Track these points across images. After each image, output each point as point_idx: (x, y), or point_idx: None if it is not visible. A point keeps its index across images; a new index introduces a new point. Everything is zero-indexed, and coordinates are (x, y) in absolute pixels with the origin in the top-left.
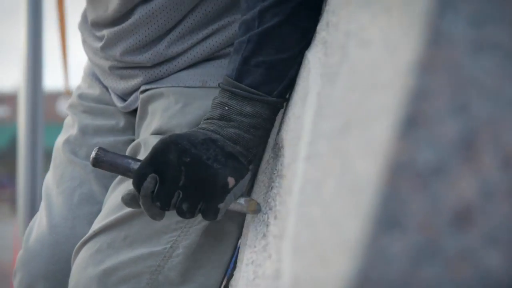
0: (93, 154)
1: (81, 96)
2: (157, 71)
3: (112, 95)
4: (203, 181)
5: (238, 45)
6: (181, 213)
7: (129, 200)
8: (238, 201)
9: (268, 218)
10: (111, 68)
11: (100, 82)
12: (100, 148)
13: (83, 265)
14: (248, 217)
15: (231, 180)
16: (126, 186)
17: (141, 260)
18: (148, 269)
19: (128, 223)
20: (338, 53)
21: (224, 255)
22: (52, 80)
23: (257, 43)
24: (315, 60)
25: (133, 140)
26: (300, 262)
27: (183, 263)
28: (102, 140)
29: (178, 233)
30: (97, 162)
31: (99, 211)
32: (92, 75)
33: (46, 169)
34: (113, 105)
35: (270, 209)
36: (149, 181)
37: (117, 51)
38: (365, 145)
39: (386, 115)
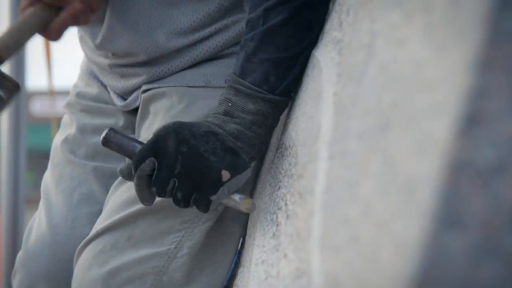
0: (103, 133)
1: (79, 95)
2: (159, 70)
3: (111, 94)
4: (197, 172)
5: (243, 43)
6: (176, 202)
7: (126, 173)
8: (233, 197)
9: (277, 217)
10: (111, 66)
11: (99, 81)
12: (111, 129)
13: (86, 266)
14: (253, 216)
15: (225, 174)
16: (128, 186)
17: (145, 261)
18: (153, 270)
19: (132, 223)
20: (361, 53)
21: (227, 255)
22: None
23: (260, 41)
24: (326, 59)
25: None
26: (336, 261)
27: (188, 263)
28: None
29: (182, 234)
30: (106, 142)
31: (99, 211)
32: (90, 73)
33: (28, 168)
34: (112, 103)
35: (279, 209)
36: (147, 164)
37: (115, 46)
38: (413, 144)
39: (438, 114)
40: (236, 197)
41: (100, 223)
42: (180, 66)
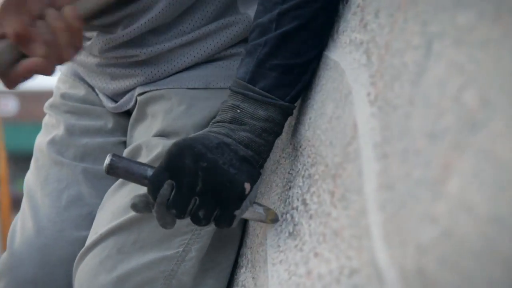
0: (107, 160)
1: (64, 96)
2: (155, 71)
3: (101, 96)
4: (221, 187)
5: (252, 48)
6: (196, 221)
7: (141, 207)
8: (255, 209)
9: (292, 217)
10: (100, 66)
11: (85, 82)
12: (114, 155)
13: (93, 273)
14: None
15: (247, 186)
16: (130, 188)
17: (155, 265)
18: (162, 274)
19: (136, 226)
20: (411, 54)
21: (230, 257)
22: None
23: (274, 46)
24: (348, 61)
25: (123, 141)
26: (423, 257)
27: (196, 266)
28: (90, 141)
29: (189, 236)
30: (111, 169)
31: (88, 213)
32: (74, 75)
33: None
34: (100, 105)
35: (294, 209)
36: (166, 188)
37: (106, 44)
38: None
39: None
40: (260, 209)
41: (102, 226)
42: (177, 67)
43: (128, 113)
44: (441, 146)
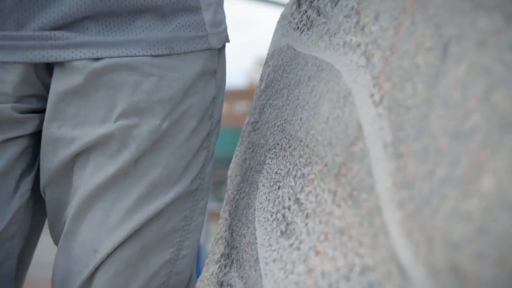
0: None
1: None
2: (103, 37)
3: None
4: None
5: None
6: None
7: None
8: None
9: (284, 217)
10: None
11: None
12: None
13: None
14: (245, 218)
15: None
16: (114, 195)
17: (159, 273)
18: (163, 278)
19: (138, 233)
20: (423, 56)
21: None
22: None
23: None
24: (344, 62)
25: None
26: (457, 254)
27: (190, 264)
28: None
29: (180, 233)
30: None
31: None
32: None
33: None
34: None
35: (286, 208)
36: None
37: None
38: None
39: None
40: None
41: (102, 244)
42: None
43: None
44: (468, 146)
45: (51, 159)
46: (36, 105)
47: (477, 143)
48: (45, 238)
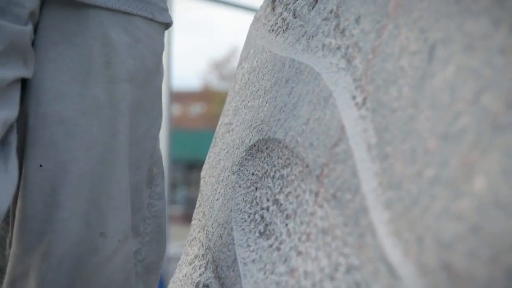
0: None
1: None
2: None
3: None
4: None
5: None
6: None
7: None
8: None
9: (262, 217)
10: None
11: None
12: None
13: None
14: (222, 218)
15: None
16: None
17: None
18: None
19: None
20: (408, 59)
21: None
22: None
23: None
24: (323, 64)
25: None
26: (450, 253)
27: (153, 251)
28: None
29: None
30: None
31: None
32: None
33: None
34: None
35: (264, 209)
36: None
37: None
38: None
39: None
40: None
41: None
42: None
43: None
44: (458, 147)
45: None
46: None
47: (467, 144)
48: None
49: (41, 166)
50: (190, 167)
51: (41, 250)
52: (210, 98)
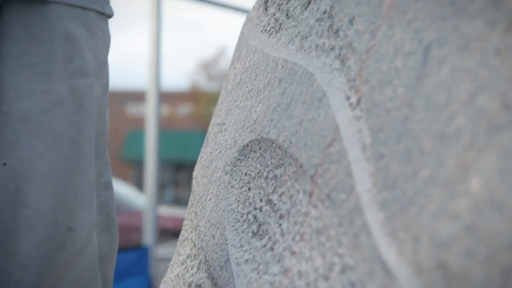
0: None
1: None
2: None
3: None
4: None
5: None
6: None
7: None
8: None
9: (255, 217)
10: None
11: None
12: None
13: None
14: (214, 219)
15: None
16: None
17: None
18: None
19: None
20: (402, 59)
21: None
22: None
23: None
24: (317, 65)
25: None
26: (445, 253)
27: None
28: None
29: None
30: None
31: None
32: None
33: None
34: None
35: (257, 209)
36: None
37: None
38: None
39: None
40: None
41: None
42: None
43: None
44: (454, 147)
45: None
46: None
47: (463, 145)
48: None
49: (4, 164)
50: (178, 168)
51: (7, 249)
52: (198, 99)
